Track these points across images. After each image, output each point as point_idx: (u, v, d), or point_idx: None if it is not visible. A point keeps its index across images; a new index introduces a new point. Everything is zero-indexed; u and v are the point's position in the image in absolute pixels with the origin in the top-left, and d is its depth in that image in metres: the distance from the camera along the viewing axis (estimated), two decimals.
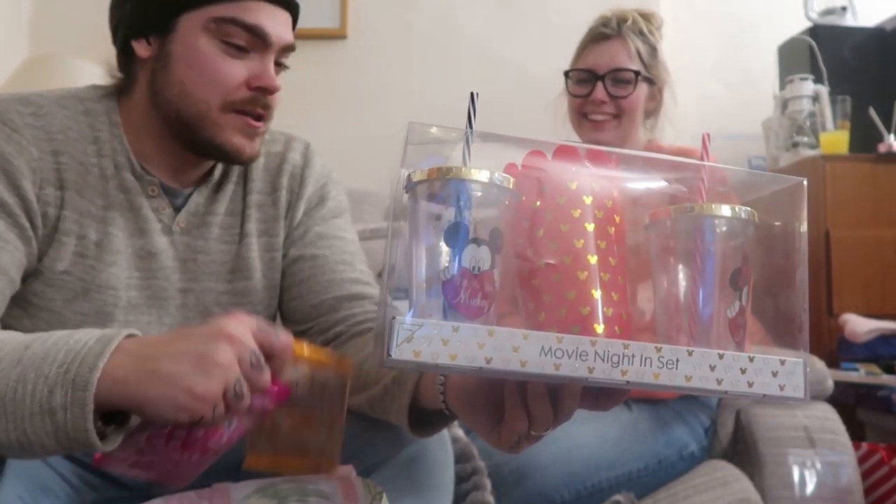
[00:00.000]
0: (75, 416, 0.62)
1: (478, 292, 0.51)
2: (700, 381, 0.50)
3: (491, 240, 0.52)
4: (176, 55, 0.85)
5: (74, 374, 0.63)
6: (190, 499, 0.77)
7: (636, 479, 1.28)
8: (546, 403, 0.55)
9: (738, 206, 0.54)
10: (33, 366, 0.64)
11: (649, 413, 1.35)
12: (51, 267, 0.84)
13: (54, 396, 0.62)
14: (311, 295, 0.95)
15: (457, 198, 0.51)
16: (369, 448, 0.87)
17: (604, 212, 0.55)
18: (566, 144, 0.56)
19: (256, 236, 0.96)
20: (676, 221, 0.55)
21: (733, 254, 0.55)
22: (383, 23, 2.40)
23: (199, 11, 0.84)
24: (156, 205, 0.91)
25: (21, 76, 1.88)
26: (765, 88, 2.52)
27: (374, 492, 0.72)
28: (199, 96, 0.84)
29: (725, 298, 0.54)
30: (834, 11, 2.47)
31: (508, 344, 0.48)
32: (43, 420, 0.63)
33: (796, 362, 0.52)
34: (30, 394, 0.63)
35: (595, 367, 0.49)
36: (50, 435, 0.63)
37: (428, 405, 0.74)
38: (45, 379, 0.63)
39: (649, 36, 1.42)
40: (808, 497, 1.33)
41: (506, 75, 2.36)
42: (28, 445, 0.64)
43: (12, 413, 0.63)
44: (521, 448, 0.59)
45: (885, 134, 2.17)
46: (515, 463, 1.18)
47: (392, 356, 0.47)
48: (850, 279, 2.04)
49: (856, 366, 1.84)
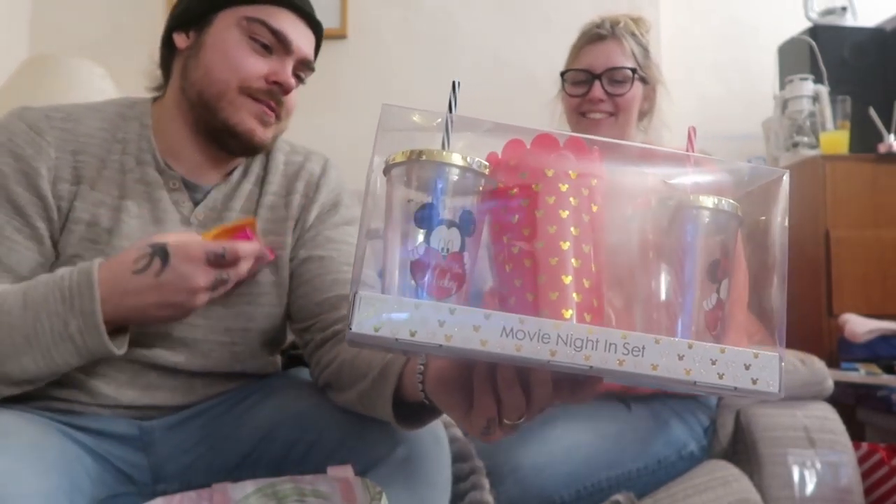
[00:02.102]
0: (92, 337, 0.81)
1: (446, 273, 0.51)
2: (667, 370, 0.48)
3: (462, 223, 0.52)
4: (208, 44, 0.95)
5: (79, 305, 0.80)
6: (190, 499, 0.78)
7: (636, 478, 1.28)
8: (516, 389, 0.56)
9: (721, 198, 0.54)
10: (41, 307, 0.80)
11: (648, 413, 1.35)
12: (63, 252, 0.92)
13: (69, 326, 0.80)
14: (315, 293, 0.98)
15: (431, 180, 0.51)
16: (365, 447, 0.87)
17: (579, 200, 0.55)
18: (545, 133, 0.56)
19: (264, 235, 1.00)
20: (658, 211, 0.55)
21: (713, 246, 0.54)
22: (383, 23, 2.40)
23: (235, 9, 0.95)
24: (176, 198, 0.98)
25: (21, 76, 1.88)
26: (765, 88, 2.53)
27: (373, 492, 0.72)
28: (219, 77, 0.94)
29: (703, 290, 0.53)
30: (834, 11, 2.47)
31: (469, 322, 0.48)
32: (66, 347, 0.81)
33: (771, 356, 0.50)
34: (48, 329, 0.80)
35: (557, 351, 0.48)
36: (74, 355, 0.82)
37: (410, 397, 0.75)
38: (56, 315, 0.80)
39: (641, 37, 1.45)
40: (808, 497, 1.33)
41: (506, 75, 2.36)
42: (57, 368, 0.82)
43: (38, 348, 0.80)
44: (494, 436, 0.59)
45: (885, 134, 2.17)
46: (514, 462, 1.18)
47: (353, 329, 0.47)
48: (850, 279, 2.04)
49: (856, 366, 1.84)
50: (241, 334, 0.99)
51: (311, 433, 0.93)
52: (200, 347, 0.96)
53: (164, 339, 0.93)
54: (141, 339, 0.91)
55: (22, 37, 2.29)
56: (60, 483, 0.77)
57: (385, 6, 2.41)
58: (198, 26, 0.97)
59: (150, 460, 0.94)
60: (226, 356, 0.98)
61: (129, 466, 0.93)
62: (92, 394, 0.91)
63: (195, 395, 0.97)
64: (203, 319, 0.95)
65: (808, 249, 2.09)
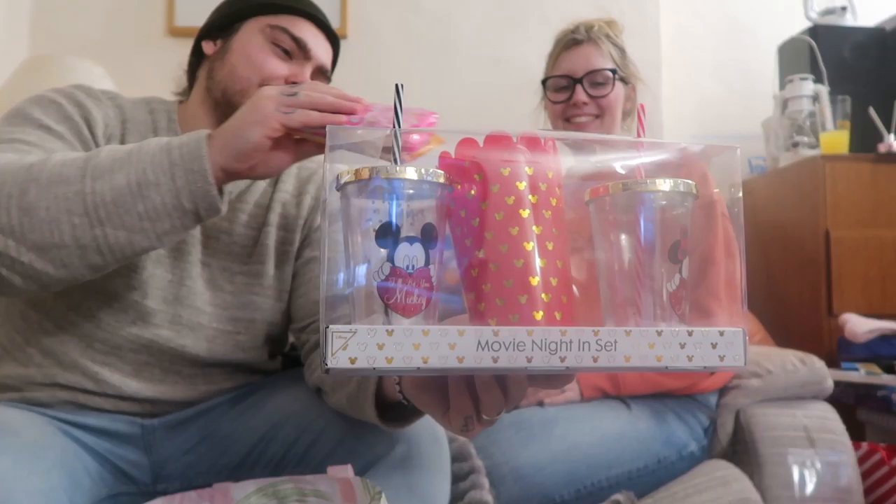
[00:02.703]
0: (196, 163, 0.76)
1: (413, 291, 0.51)
2: (639, 359, 0.50)
3: (424, 237, 0.51)
4: (234, 48, 1.02)
5: (186, 153, 0.76)
6: (191, 499, 0.78)
7: (636, 478, 1.28)
8: (495, 390, 0.56)
9: (677, 179, 0.55)
10: (142, 150, 0.77)
11: (648, 412, 1.35)
12: None
13: (172, 153, 0.76)
14: (315, 292, 1.00)
15: (386, 197, 0.50)
16: (365, 446, 0.88)
17: (538, 196, 0.55)
18: (496, 132, 0.56)
19: (276, 227, 1.04)
20: (616, 197, 0.56)
21: (672, 227, 0.55)
22: (383, 23, 2.40)
23: (260, 18, 1.02)
24: None
25: (21, 76, 1.88)
26: (765, 88, 2.53)
27: (373, 492, 0.72)
28: (243, 75, 0.99)
29: (666, 272, 0.54)
30: (834, 11, 2.47)
31: (444, 341, 0.48)
32: (166, 181, 0.75)
33: (735, 332, 0.52)
34: (152, 168, 0.75)
35: (533, 356, 0.49)
36: (171, 193, 0.76)
37: (390, 397, 0.77)
38: (160, 150, 0.76)
39: (616, 38, 1.46)
40: (807, 497, 1.33)
41: (505, 75, 2.36)
42: (153, 214, 0.75)
43: (143, 183, 0.75)
44: (473, 432, 0.59)
45: (885, 134, 2.17)
46: (514, 462, 1.18)
47: (329, 365, 0.47)
48: (850, 279, 2.04)
49: (856, 366, 1.84)
50: (245, 324, 1.01)
51: (310, 433, 0.93)
52: (206, 332, 0.97)
53: (172, 322, 0.95)
54: (150, 319, 0.93)
55: (22, 37, 2.29)
56: (61, 482, 0.77)
57: (385, 6, 2.41)
58: (225, 34, 1.04)
59: (151, 459, 0.95)
60: (230, 344, 0.99)
61: (130, 466, 0.93)
62: (97, 381, 0.91)
63: (197, 391, 0.98)
64: (211, 307, 0.98)
65: (808, 249, 2.09)
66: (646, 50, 2.27)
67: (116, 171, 0.75)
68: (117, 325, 0.92)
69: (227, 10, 1.06)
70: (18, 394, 0.91)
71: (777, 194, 2.30)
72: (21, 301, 0.94)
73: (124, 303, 0.92)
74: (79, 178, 0.75)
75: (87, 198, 0.74)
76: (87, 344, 0.92)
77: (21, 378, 0.91)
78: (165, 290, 0.95)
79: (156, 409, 0.95)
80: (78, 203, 0.74)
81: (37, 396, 0.91)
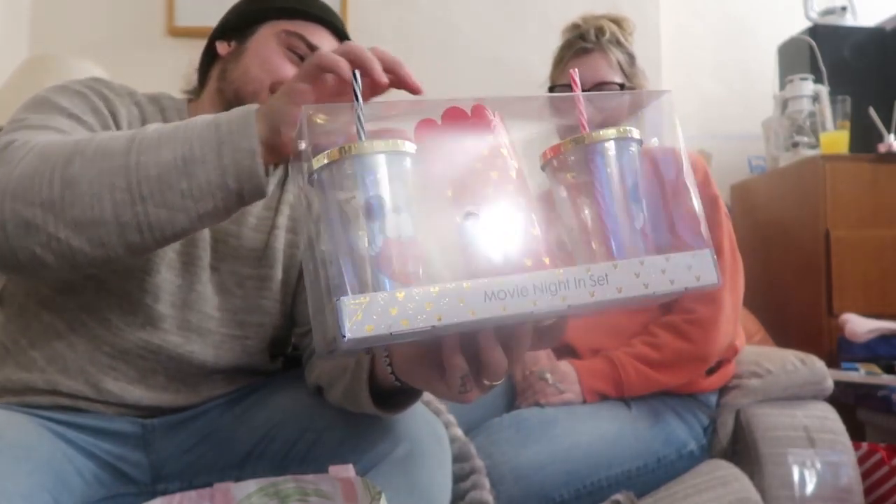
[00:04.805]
0: (242, 149, 0.71)
1: (408, 259, 0.51)
2: (630, 289, 0.53)
3: (406, 206, 0.52)
4: (249, 49, 1.02)
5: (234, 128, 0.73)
6: (191, 498, 0.78)
7: (635, 477, 1.28)
8: (498, 349, 0.57)
9: (621, 127, 0.59)
10: (189, 126, 0.73)
11: (648, 412, 1.35)
12: None
13: (221, 127, 0.72)
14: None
15: (363, 173, 0.51)
16: (366, 446, 0.88)
17: (502, 160, 0.58)
18: (453, 106, 0.58)
19: (285, 230, 1.03)
20: (568, 154, 0.59)
21: (627, 171, 0.59)
22: (383, 23, 2.40)
23: (277, 23, 1.02)
24: None
25: (21, 76, 1.88)
26: (765, 88, 2.53)
27: (373, 492, 0.72)
28: (256, 76, 0.99)
29: (630, 213, 0.58)
30: (834, 11, 2.47)
31: (455, 296, 0.48)
32: (211, 155, 0.71)
33: (703, 252, 0.57)
34: (200, 143, 0.72)
35: (538, 300, 0.50)
36: (216, 167, 0.71)
37: (384, 384, 0.78)
38: (206, 126, 0.73)
39: (626, 45, 1.43)
40: (807, 497, 1.33)
41: (505, 75, 2.36)
42: (196, 185, 0.71)
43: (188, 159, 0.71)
44: (471, 394, 0.59)
45: (885, 134, 2.17)
46: (514, 462, 1.18)
47: (347, 336, 0.46)
48: (850, 279, 2.04)
49: (856, 366, 1.84)
50: (254, 329, 1.00)
51: (311, 432, 0.93)
52: (213, 338, 0.97)
53: (180, 328, 0.94)
54: (160, 324, 0.93)
55: (22, 37, 2.29)
56: (44, 482, 0.76)
57: (384, 7, 2.41)
58: (241, 36, 1.04)
59: (151, 459, 0.95)
60: (237, 349, 0.99)
61: (129, 466, 0.93)
62: (98, 389, 0.91)
63: (198, 397, 0.98)
64: (219, 312, 0.97)
65: (808, 249, 2.09)
66: (646, 50, 2.27)
67: (164, 145, 0.72)
68: (127, 328, 0.92)
69: (243, 11, 1.06)
70: (18, 398, 0.91)
71: (777, 194, 2.30)
72: (34, 302, 0.93)
73: (135, 306, 0.92)
74: (124, 152, 0.72)
75: (131, 172, 0.71)
76: (94, 347, 0.91)
77: (22, 382, 0.90)
78: (175, 294, 0.94)
79: (156, 413, 0.95)
80: (121, 177, 0.71)
81: (36, 401, 0.90)
